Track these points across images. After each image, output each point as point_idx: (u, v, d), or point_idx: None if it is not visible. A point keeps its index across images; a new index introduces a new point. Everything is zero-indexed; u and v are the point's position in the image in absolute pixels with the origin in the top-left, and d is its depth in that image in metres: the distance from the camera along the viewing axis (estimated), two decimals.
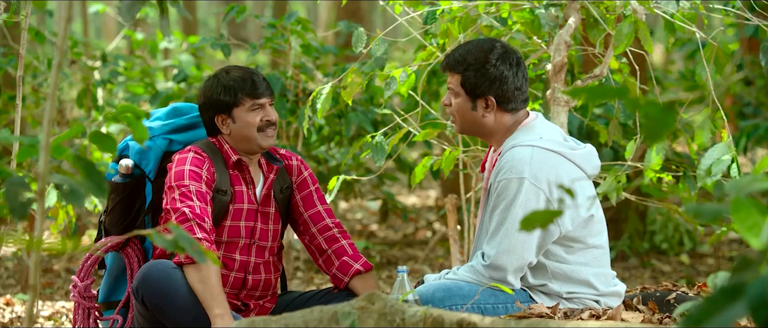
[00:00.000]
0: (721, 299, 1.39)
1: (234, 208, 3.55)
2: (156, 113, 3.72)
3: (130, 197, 3.61)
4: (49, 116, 1.96)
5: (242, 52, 15.20)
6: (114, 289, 3.67)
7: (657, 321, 3.22)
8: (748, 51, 7.98)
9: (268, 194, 3.63)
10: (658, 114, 1.59)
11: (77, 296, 3.62)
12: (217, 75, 3.58)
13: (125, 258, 3.60)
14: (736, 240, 7.65)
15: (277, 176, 3.65)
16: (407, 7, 4.26)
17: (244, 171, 3.59)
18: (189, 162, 3.48)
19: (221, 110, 3.54)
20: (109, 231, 3.65)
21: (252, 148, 3.56)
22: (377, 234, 8.34)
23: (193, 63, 7.08)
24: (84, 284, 3.60)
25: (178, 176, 3.45)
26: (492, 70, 3.35)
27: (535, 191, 3.24)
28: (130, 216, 3.62)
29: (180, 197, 3.42)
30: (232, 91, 3.52)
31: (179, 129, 3.68)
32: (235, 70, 3.57)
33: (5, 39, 6.61)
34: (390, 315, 2.49)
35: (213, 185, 3.50)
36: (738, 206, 1.58)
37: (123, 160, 3.61)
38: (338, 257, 3.65)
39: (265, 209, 3.62)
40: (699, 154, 4.14)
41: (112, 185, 3.61)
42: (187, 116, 3.70)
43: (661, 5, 3.86)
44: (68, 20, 1.99)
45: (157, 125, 3.66)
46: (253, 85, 3.53)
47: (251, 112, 3.53)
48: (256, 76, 3.56)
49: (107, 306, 3.65)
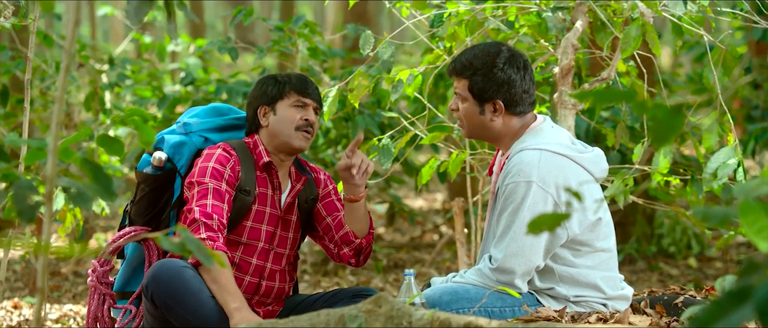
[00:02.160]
0: (729, 302, 1.38)
1: (256, 209, 3.55)
2: (194, 110, 3.73)
3: (159, 190, 3.60)
4: (57, 119, 1.97)
5: (250, 55, 15.21)
6: (130, 279, 3.66)
7: (665, 325, 3.21)
8: (756, 54, 7.96)
9: (292, 202, 3.63)
10: (665, 117, 1.58)
11: (95, 280, 3.61)
12: (275, 73, 3.68)
13: (145, 249, 3.59)
14: (744, 243, 7.63)
15: (304, 187, 3.66)
16: (414, 10, 4.26)
17: (273, 175, 3.59)
18: (214, 159, 3.49)
19: (266, 101, 3.58)
20: (133, 221, 3.64)
21: (285, 146, 3.56)
22: (384, 237, 8.34)
23: (200, 66, 7.10)
24: (103, 269, 3.60)
25: (201, 172, 3.47)
26: (499, 74, 3.35)
27: (543, 194, 3.23)
28: (157, 209, 3.60)
29: (197, 194, 3.44)
30: (280, 85, 3.59)
31: (216, 129, 3.68)
32: (294, 73, 3.67)
33: (13, 42, 6.63)
34: (397, 318, 2.49)
35: (236, 184, 3.50)
36: (746, 209, 1.58)
37: (157, 152, 3.60)
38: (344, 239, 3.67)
39: (288, 216, 3.63)
40: (707, 157, 4.13)
41: (143, 175, 3.59)
42: (225, 117, 3.71)
43: (668, 8, 3.86)
44: (76, 23, 2.00)
45: (195, 122, 3.66)
46: (303, 84, 3.59)
47: (293, 107, 3.56)
48: (310, 81, 3.63)
49: (121, 296, 3.64)
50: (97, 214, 5.82)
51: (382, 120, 6.13)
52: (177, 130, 3.66)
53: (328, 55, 6.25)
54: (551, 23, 4.03)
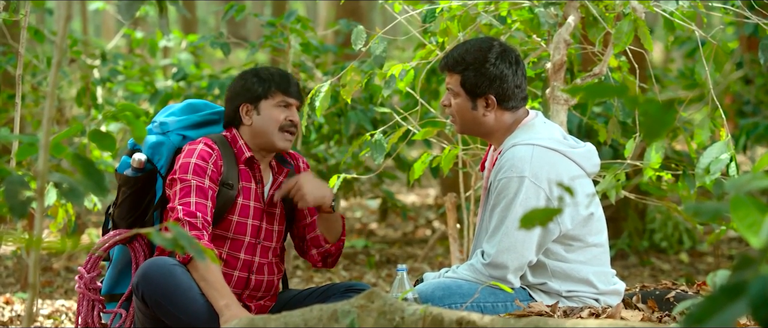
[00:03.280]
0: (722, 297, 1.39)
1: (241, 203, 3.54)
2: (170, 109, 3.69)
3: (141, 192, 3.58)
4: (49, 115, 1.96)
5: (242, 50, 15.20)
6: (118, 281, 3.65)
7: (656, 320, 3.22)
8: (748, 49, 7.98)
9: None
10: (657, 112, 1.58)
11: (83, 287, 3.59)
12: (255, 68, 3.63)
13: (131, 252, 3.58)
14: (736, 238, 7.65)
15: (286, 179, 3.65)
16: (406, 6, 4.26)
17: (256, 169, 3.58)
18: (196, 155, 3.47)
19: (249, 100, 3.55)
20: (117, 224, 3.63)
21: (268, 145, 3.56)
22: (377, 233, 8.34)
23: (192, 62, 7.09)
24: (90, 276, 3.58)
25: (183, 168, 3.45)
26: (491, 69, 3.35)
27: (536, 189, 3.24)
28: (139, 210, 3.59)
29: (179, 192, 3.43)
30: (265, 83, 3.55)
31: (194, 125, 3.65)
32: (274, 69, 3.63)
33: (4, 38, 6.61)
34: (389, 314, 2.49)
35: (219, 179, 3.49)
36: (737, 204, 1.58)
37: (136, 154, 3.57)
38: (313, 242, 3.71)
39: (272, 209, 3.62)
40: (698, 152, 4.14)
41: (124, 178, 3.57)
42: (202, 113, 3.68)
43: (660, 4, 3.86)
44: (68, 19, 1.99)
45: (172, 121, 3.63)
46: (287, 83, 3.56)
47: (277, 107, 3.55)
48: (292, 78, 3.60)
49: (110, 299, 3.62)
50: (89, 209, 5.81)
51: (374, 115, 6.13)
52: (154, 130, 3.62)
53: (320, 50, 6.24)
54: (543, 19, 4.04)
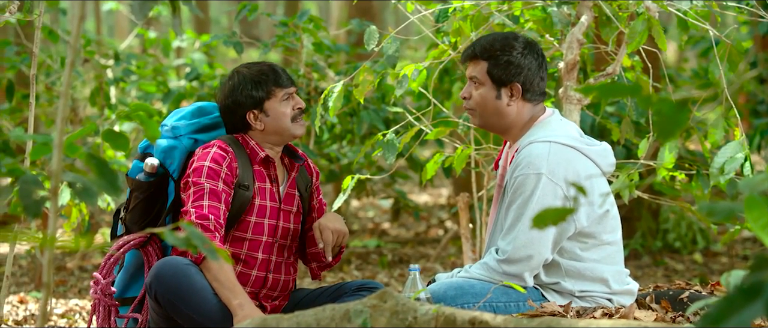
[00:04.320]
0: (739, 298, 1.38)
1: (258, 204, 3.54)
2: (180, 112, 3.68)
3: (153, 196, 3.57)
4: (63, 115, 1.97)
5: (254, 50, 15.21)
6: (130, 285, 3.64)
7: (670, 320, 3.21)
8: (762, 49, 7.94)
9: (290, 193, 3.64)
10: (671, 112, 1.58)
11: (99, 293, 3.58)
12: (238, 74, 3.57)
13: (144, 256, 3.56)
14: (750, 238, 7.62)
15: (299, 173, 3.66)
16: (419, 5, 4.26)
17: (271, 168, 3.59)
18: (210, 158, 3.46)
19: (253, 106, 3.54)
20: (129, 229, 3.60)
21: (285, 138, 3.57)
22: (389, 232, 8.34)
23: (205, 61, 7.10)
24: (106, 281, 3.56)
25: (197, 172, 3.45)
26: (519, 57, 3.37)
27: (553, 186, 3.23)
28: (152, 215, 3.58)
29: (192, 195, 3.43)
30: (262, 85, 3.53)
31: (204, 128, 3.65)
32: (253, 66, 3.59)
33: (19, 38, 6.64)
34: (402, 313, 2.49)
35: (234, 181, 3.49)
36: (751, 204, 1.57)
37: (148, 158, 3.56)
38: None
39: (287, 207, 3.63)
40: (712, 152, 4.13)
41: (136, 183, 3.56)
42: (211, 116, 3.66)
43: (674, 3, 3.85)
44: (81, 19, 2.00)
45: (183, 124, 3.62)
46: (279, 76, 3.56)
47: (283, 102, 3.55)
48: (276, 66, 3.59)
49: (122, 302, 3.63)
50: (102, 209, 5.83)
51: (387, 115, 6.13)
52: (165, 134, 3.61)
53: (332, 50, 6.24)
54: (556, 18, 4.03)
